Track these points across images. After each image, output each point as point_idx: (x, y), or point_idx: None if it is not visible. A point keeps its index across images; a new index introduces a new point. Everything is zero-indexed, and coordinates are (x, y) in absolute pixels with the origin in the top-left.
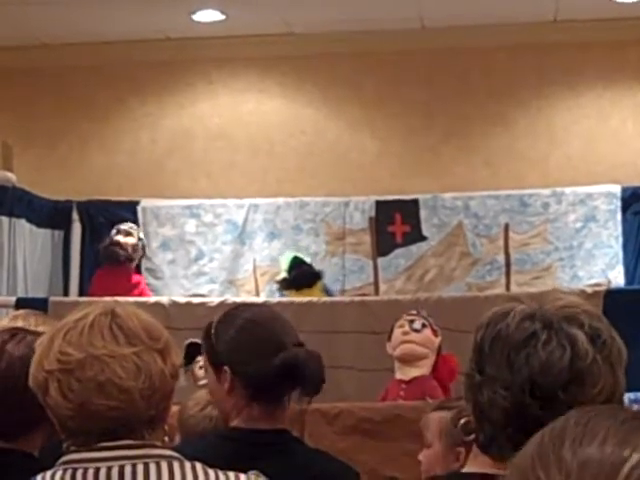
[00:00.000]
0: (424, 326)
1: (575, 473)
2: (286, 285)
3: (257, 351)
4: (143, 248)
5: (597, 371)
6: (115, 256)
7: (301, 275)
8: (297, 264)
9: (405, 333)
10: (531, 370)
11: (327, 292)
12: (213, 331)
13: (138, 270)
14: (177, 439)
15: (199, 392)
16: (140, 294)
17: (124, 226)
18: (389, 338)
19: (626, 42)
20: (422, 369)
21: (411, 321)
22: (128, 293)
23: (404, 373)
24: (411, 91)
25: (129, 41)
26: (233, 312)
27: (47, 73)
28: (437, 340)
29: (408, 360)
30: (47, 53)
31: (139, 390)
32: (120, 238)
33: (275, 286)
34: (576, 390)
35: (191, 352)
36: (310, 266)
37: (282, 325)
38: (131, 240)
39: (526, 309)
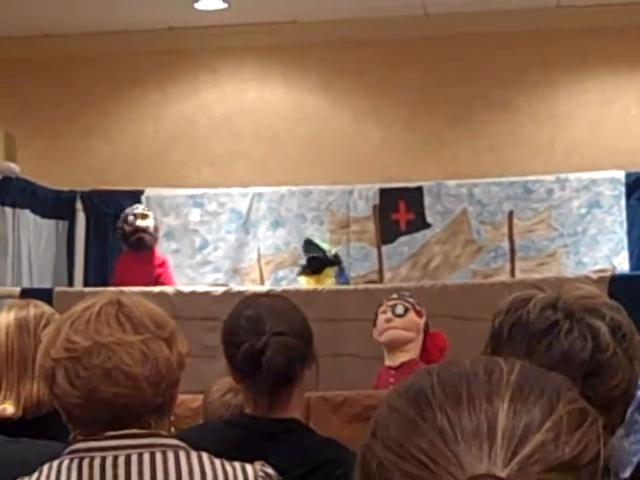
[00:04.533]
0: (407, 310)
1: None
2: (299, 271)
3: (230, 340)
4: (158, 226)
5: (617, 364)
6: (144, 242)
7: (309, 261)
8: (308, 249)
9: (388, 320)
10: (551, 359)
11: (341, 278)
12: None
13: None
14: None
15: (225, 378)
16: (162, 274)
17: (138, 209)
18: (374, 324)
19: (629, 27)
20: (410, 353)
21: (393, 306)
22: (159, 276)
23: (392, 359)
24: (414, 78)
25: (132, 31)
26: (238, 304)
27: (50, 63)
28: (421, 321)
29: (394, 346)
30: (50, 43)
31: (146, 377)
32: (141, 222)
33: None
34: (595, 382)
35: None
36: (322, 251)
37: (270, 313)
38: (151, 222)
39: (547, 297)
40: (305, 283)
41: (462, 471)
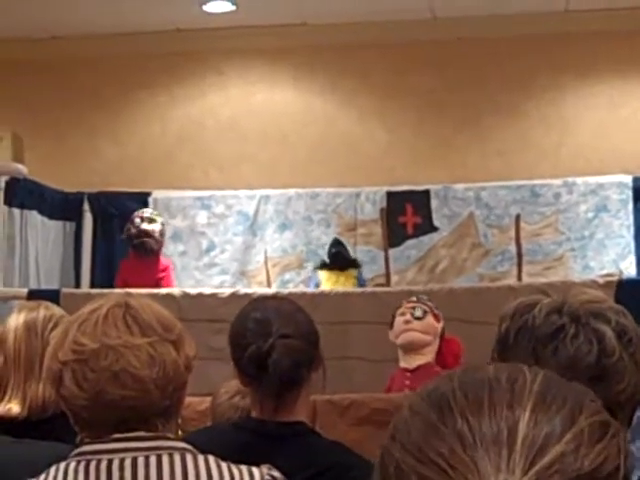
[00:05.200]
0: (425, 312)
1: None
2: (321, 265)
3: (237, 342)
4: (165, 232)
5: (622, 368)
6: (147, 247)
7: (335, 257)
8: (334, 246)
9: (407, 322)
10: (557, 364)
11: (360, 281)
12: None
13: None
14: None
15: (233, 380)
16: (162, 279)
17: (146, 213)
18: (390, 326)
19: (637, 32)
20: (426, 356)
21: (412, 308)
22: (160, 281)
23: (408, 362)
24: (422, 81)
25: (139, 33)
26: (246, 306)
27: (57, 65)
28: (439, 325)
29: (412, 348)
30: (57, 45)
31: (153, 380)
32: (146, 226)
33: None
34: (601, 386)
35: None
36: (347, 251)
37: (277, 316)
38: (157, 227)
39: (553, 302)
40: (325, 278)
41: (479, 478)
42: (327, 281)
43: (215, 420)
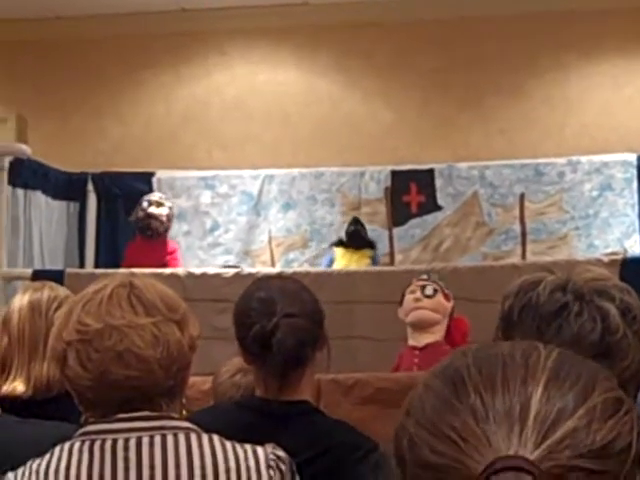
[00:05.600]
0: (435, 291)
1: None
2: (337, 242)
3: (242, 321)
4: (173, 216)
5: (626, 346)
6: (153, 229)
7: (352, 235)
8: (353, 224)
9: (417, 299)
10: (561, 342)
11: (374, 263)
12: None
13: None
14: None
15: (235, 358)
16: (169, 262)
17: (154, 197)
18: (400, 303)
19: None
20: (435, 335)
21: (423, 287)
22: (167, 264)
23: (417, 340)
24: (426, 61)
25: (143, 13)
26: (250, 286)
27: (61, 45)
28: (449, 305)
29: (421, 326)
30: (61, 25)
31: (157, 360)
32: (153, 210)
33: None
34: (605, 364)
35: None
36: (365, 231)
37: (281, 295)
38: (165, 211)
39: (557, 280)
40: (340, 255)
41: (491, 451)
42: (342, 258)
43: (217, 399)
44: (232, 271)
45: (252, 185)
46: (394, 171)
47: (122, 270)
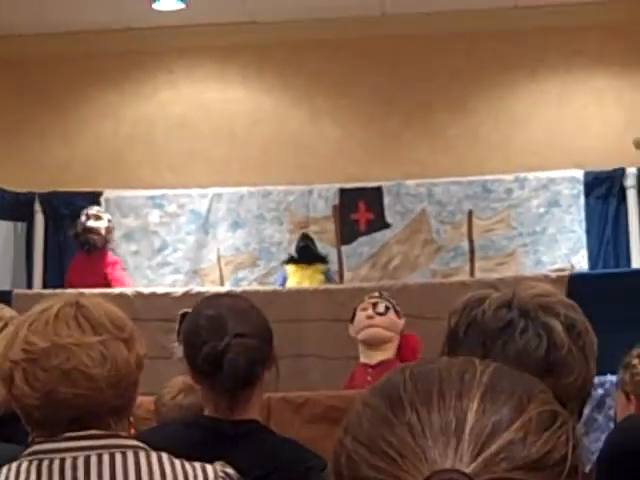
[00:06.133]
0: (387, 308)
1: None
2: (288, 259)
3: (191, 340)
4: (113, 229)
5: (572, 362)
6: (91, 243)
7: (302, 251)
8: (302, 240)
9: (369, 317)
10: (507, 359)
11: (327, 277)
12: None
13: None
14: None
15: (175, 379)
16: (110, 274)
17: (92, 210)
18: (351, 320)
19: (585, 27)
20: (387, 352)
21: (374, 304)
22: (107, 276)
23: (369, 357)
24: (372, 78)
25: (89, 31)
26: (199, 304)
27: (6, 64)
28: (401, 322)
29: (374, 344)
30: (6, 44)
31: (105, 378)
32: (92, 223)
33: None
34: (550, 380)
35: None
36: (315, 246)
37: (231, 313)
38: (102, 224)
39: (502, 296)
40: (292, 272)
41: (428, 465)
42: (294, 275)
43: (160, 421)
44: (181, 290)
45: (200, 204)
46: (342, 189)
47: (70, 290)
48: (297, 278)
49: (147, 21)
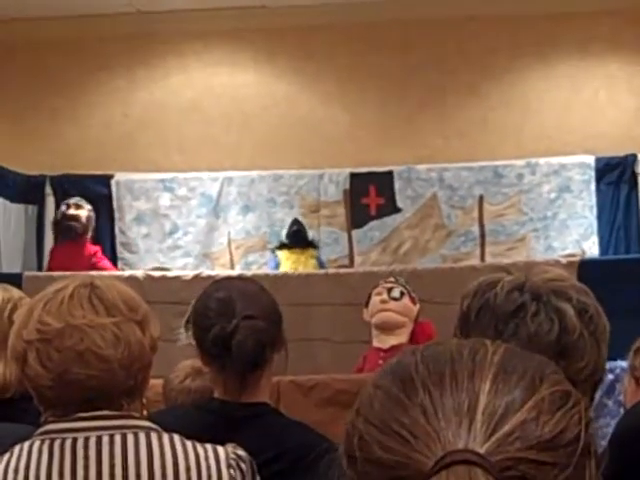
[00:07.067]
0: (402, 294)
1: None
2: (280, 245)
3: (200, 322)
4: (95, 219)
5: (583, 346)
6: (72, 229)
7: (294, 236)
8: (294, 225)
9: (383, 301)
10: (518, 342)
11: (319, 262)
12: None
13: (95, 242)
14: None
15: (183, 362)
16: (98, 262)
17: (72, 200)
18: (366, 304)
19: (598, 13)
20: (400, 337)
21: (389, 289)
22: (87, 264)
23: (382, 341)
24: (384, 62)
25: (100, 15)
26: (209, 286)
27: (17, 47)
28: (415, 308)
29: (387, 328)
30: (17, 28)
31: (118, 359)
32: (72, 211)
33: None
34: (562, 364)
35: None
36: (306, 231)
37: (240, 296)
38: (84, 212)
39: (514, 280)
40: (284, 258)
41: (441, 446)
42: (287, 260)
43: (168, 405)
44: (191, 273)
45: (211, 187)
46: (353, 173)
47: (82, 272)
48: (290, 264)
49: (157, 5)
